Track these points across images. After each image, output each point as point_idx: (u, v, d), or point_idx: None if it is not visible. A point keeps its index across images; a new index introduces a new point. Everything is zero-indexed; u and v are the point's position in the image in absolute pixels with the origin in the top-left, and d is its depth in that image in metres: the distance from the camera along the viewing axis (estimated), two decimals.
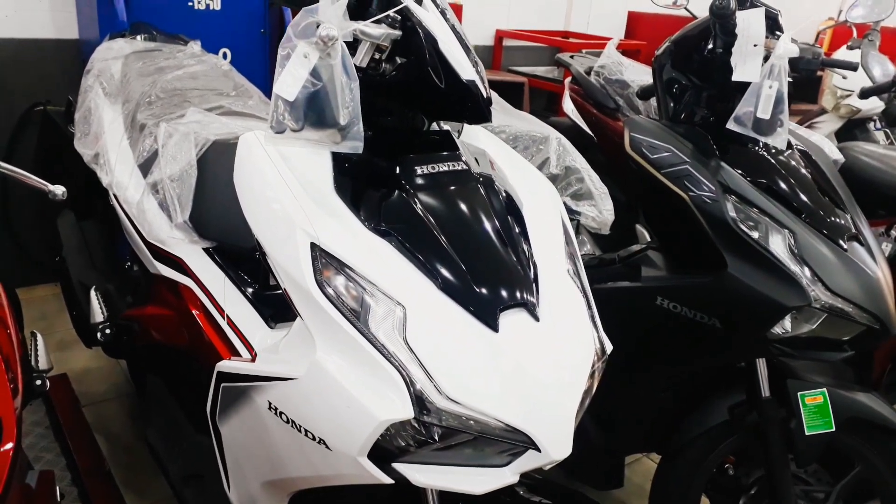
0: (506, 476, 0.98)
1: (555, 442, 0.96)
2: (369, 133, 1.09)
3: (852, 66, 3.06)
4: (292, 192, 0.98)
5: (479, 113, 1.12)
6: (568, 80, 3.03)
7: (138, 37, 2.24)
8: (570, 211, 1.94)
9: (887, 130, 3.68)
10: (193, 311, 1.47)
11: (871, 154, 2.75)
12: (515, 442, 0.95)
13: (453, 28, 1.08)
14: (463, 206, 1.06)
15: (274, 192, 0.99)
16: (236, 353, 1.26)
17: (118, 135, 1.82)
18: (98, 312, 1.82)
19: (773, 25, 1.41)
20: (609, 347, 1.13)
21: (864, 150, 2.83)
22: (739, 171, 1.46)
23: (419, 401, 0.91)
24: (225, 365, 1.18)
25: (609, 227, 1.86)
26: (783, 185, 1.45)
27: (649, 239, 1.75)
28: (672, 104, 1.62)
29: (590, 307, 1.13)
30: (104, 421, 2.30)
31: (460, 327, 0.95)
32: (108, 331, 1.82)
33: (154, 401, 1.72)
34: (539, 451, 0.95)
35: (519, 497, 1.22)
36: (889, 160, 2.62)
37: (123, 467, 2.10)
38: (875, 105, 3.53)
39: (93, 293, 1.85)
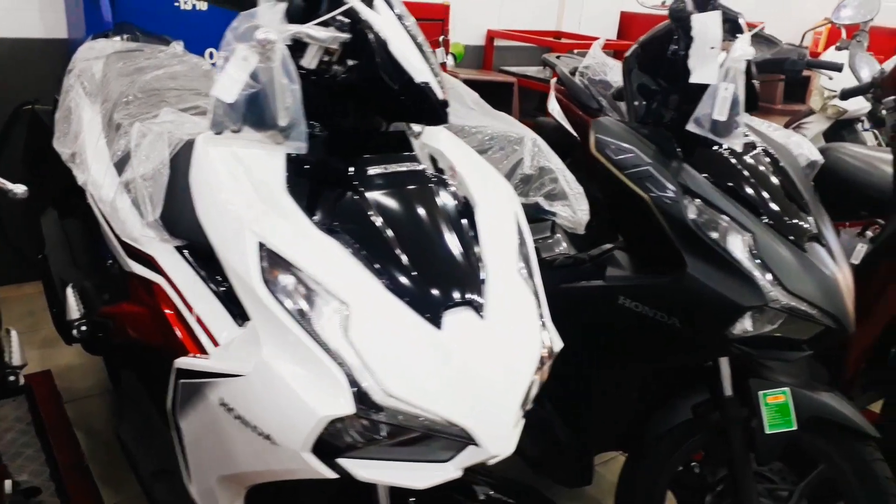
0: (448, 471, 1.00)
1: (495, 437, 0.98)
2: (326, 134, 1.12)
3: (837, 67, 3.08)
4: (242, 193, 1.01)
5: (434, 115, 1.14)
6: (554, 80, 3.05)
7: (121, 37, 2.27)
8: (543, 211, 1.96)
9: (875, 131, 3.69)
10: (164, 309, 1.49)
11: (853, 155, 2.76)
12: (456, 437, 0.97)
13: (408, 31, 1.10)
14: (414, 207, 1.08)
15: (224, 193, 1.02)
16: (204, 351, 1.28)
17: (95, 134, 1.85)
18: (74, 309, 1.85)
19: (732, 28, 1.43)
20: (558, 345, 1.15)
21: (846, 151, 2.84)
22: (702, 173, 1.48)
23: (360, 397, 0.93)
24: (182, 361, 1.20)
25: (584, 227, 1.88)
26: (745, 187, 1.47)
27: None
28: (640, 106, 1.63)
29: (540, 306, 1.15)
30: (85, 417, 2.33)
31: (404, 325, 0.97)
32: (83, 328, 1.84)
33: (127, 397, 1.74)
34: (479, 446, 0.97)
35: (472, 492, 1.24)
36: (871, 161, 2.63)
37: (102, 463, 2.12)
38: (862, 106, 3.54)
39: (69, 290, 1.88)
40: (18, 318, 2.81)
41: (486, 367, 0.99)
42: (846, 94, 2.54)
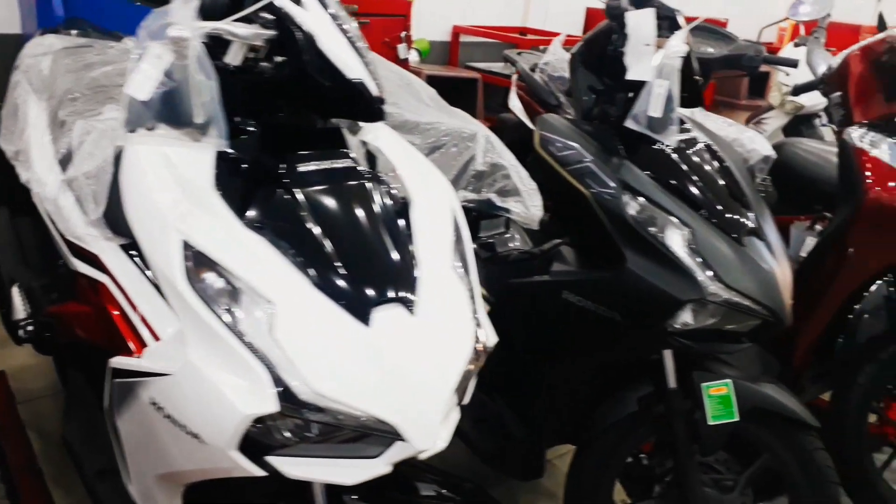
0: (378, 467, 1.01)
1: (422, 432, 0.99)
2: (259, 130, 1.12)
3: (793, 63, 3.12)
4: (168, 191, 1.00)
5: (369, 111, 1.14)
6: (515, 76, 3.06)
7: (71, 32, 2.23)
8: (496, 207, 1.97)
9: (832, 126, 3.75)
10: (109, 308, 1.48)
11: (807, 150, 2.80)
12: (383, 434, 0.98)
13: (341, 27, 1.10)
14: (345, 204, 1.08)
15: (150, 191, 1.01)
16: None
17: (41, 131, 1.82)
18: (20, 309, 1.82)
19: (671, 25, 1.44)
20: (493, 341, 1.16)
21: (801, 146, 2.89)
22: (644, 169, 1.50)
23: (285, 395, 0.93)
24: (116, 361, 1.19)
25: (538, 223, 1.89)
26: (685, 183, 1.49)
27: None
28: (586, 102, 1.65)
29: (474, 302, 1.16)
30: (38, 418, 2.30)
31: (331, 322, 0.98)
32: (30, 327, 1.82)
33: (74, 397, 1.72)
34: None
35: (414, 489, 1.25)
36: (824, 155, 2.68)
37: (55, 464, 2.10)
38: (819, 101, 3.57)
39: (14, 290, 1.85)
40: None
41: (414, 363, 1.00)
42: (798, 90, 2.59)
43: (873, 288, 2.13)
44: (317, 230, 1.02)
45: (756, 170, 2.60)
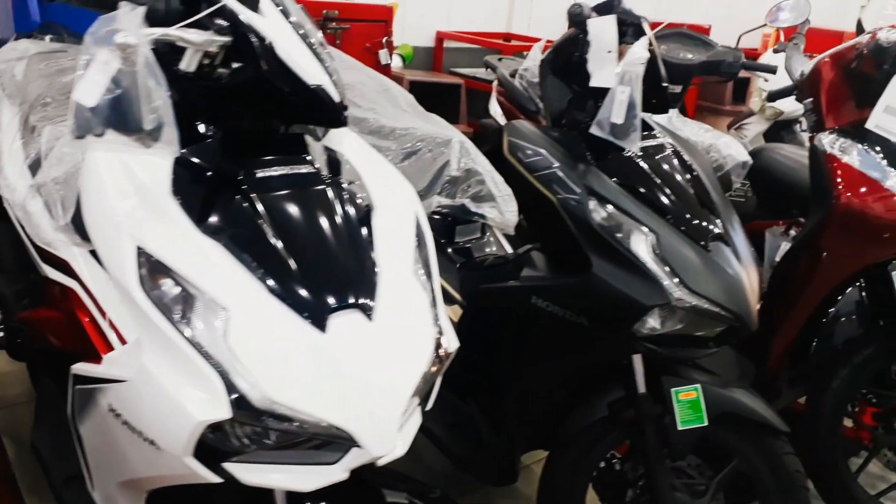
0: (335, 473, 1.00)
1: (377, 439, 0.99)
2: (219, 136, 1.12)
3: (771, 70, 3.15)
4: (124, 198, 1.00)
5: (331, 117, 1.15)
6: (496, 82, 3.07)
7: (46, 37, 2.23)
8: (470, 213, 1.98)
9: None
10: (79, 314, 1.48)
11: (785, 155, 2.82)
12: (339, 440, 0.98)
13: (300, 33, 1.10)
14: (304, 210, 1.08)
15: (105, 198, 1.01)
16: None
17: (11, 136, 1.82)
18: None
19: (636, 31, 1.45)
20: (454, 346, 1.16)
21: (779, 151, 2.91)
22: (611, 175, 1.51)
23: (239, 402, 0.93)
24: (77, 367, 1.19)
25: (513, 228, 1.90)
26: (651, 188, 1.50)
27: None
28: (555, 109, 1.66)
29: (436, 307, 1.16)
30: (13, 424, 2.29)
31: (286, 329, 0.98)
32: (0, 333, 1.81)
33: (44, 404, 1.72)
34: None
35: (376, 494, 1.25)
36: (802, 161, 2.69)
37: (28, 471, 2.09)
38: (798, 107, 3.60)
39: None
40: None
41: (370, 369, 1.00)
42: (773, 97, 2.61)
43: (847, 292, 2.14)
44: (274, 236, 1.02)
45: (733, 175, 2.62)
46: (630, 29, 1.45)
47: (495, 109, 3.01)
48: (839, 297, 2.19)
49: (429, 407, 1.19)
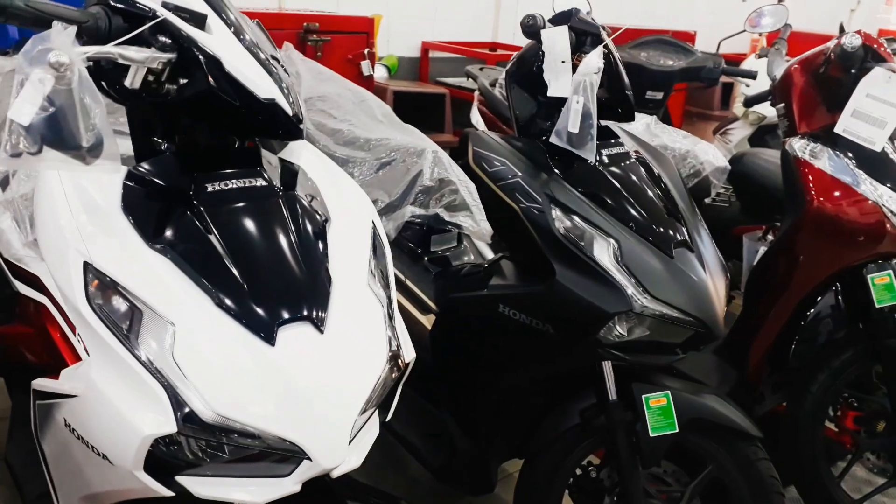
0: (287, 486, 1.01)
1: (327, 451, 0.99)
2: (172, 150, 1.13)
3: (751, 75, 3.16)
4: (71, 213, 1.01)
5: (286, 130, 1.15)
6: (477, 92, 3.09)
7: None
8: (443, 222, 1.98)
9: None
10: (50, 329, 1.48)
11: (766, 160, 2.83)
12: (290, 453, 0.98)
13: (249, 48, 1.11)
14: (255, 223, 1.09)
15: (54, 214, 1.02)
16: None
17: None
18: None
19: (594, 41, 1.46)
20: (410, 357, 1.16)
21: (760, 156, 2.92)
22: (574, 184, 1.52)
23: (185, 416, 0.94)
24: (36, 382, 1.20)
25: (489, 237, 1.90)
26: (614, 196, 1.51)
27: None
28: (520, 118, 1.67)
29: (392, 318, 1.16)
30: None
31: (233, 342, 0.98)
32: None
33: (18, 419, 1.72)
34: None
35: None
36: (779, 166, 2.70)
37: (9, 486, 2.08)
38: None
39: None
40: None
41: (319, 381, 1.00)
42: (749, 102, 2.62)
43: (824, 296, 2.14)
44: (223, 250, 1.03)
45: (713, 181, 2.63)
46: (589, 38, 1.46)
47: (476, 119, 3.02)
48: (818, 299, 2.19)
49: (388, 418, 1.20)
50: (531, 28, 1.41)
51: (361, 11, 3.71)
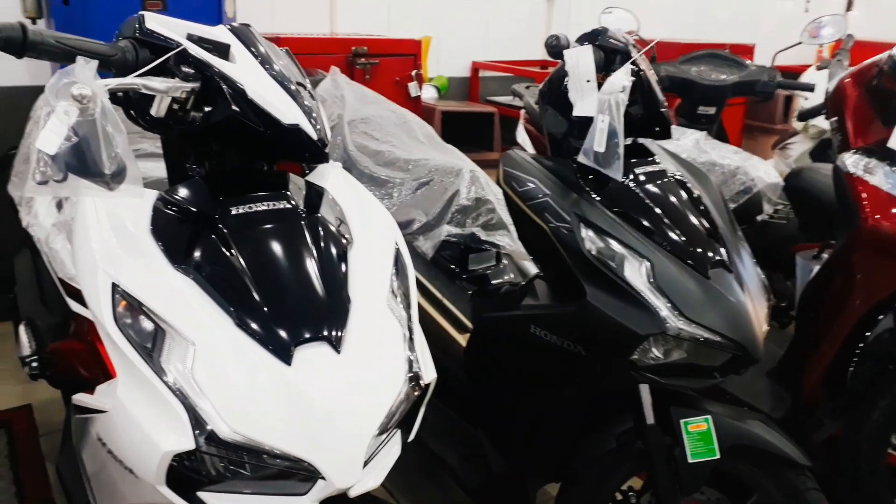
0: None
1: (341, 471, 1.00)
2: (203, 174, 1.17)
3: (809, 88, 3.06)
4: (101, 235, 1.06)
5: (311, 153, 1.18)
6: (523, 110, 3.08)
7: None
8: (481, 241, 1.99)
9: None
10: (98, 345, 1.55)
11: (826, 175, 2.72)
12: (304, 472, 1.00)
13: (273, 74, 1.15)
14: (277, 245, 1.11)
15: (86, 238, 1.07)
16: None
17: None
18: (25, 346, 1.92)
19: (623, 58, 1.44)
20: (429, 378, 1.16)
21: (820, 171, 2.81)
22: (607, 203, 1.49)
23: (203, 433, 0.96)
24: (76, 397, 1.25)
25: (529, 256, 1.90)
26: (648, 215, 1.47)
27: None
28: (553, 137, 1.66)
29: (412, 339, 1.17)
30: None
31: (251, 361, 1.00)
32: (34, 363, 1.91)
33: (68, 431, 1.79)
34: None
35: None
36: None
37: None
38: None
39: (21, 327, 1.95)
40: (6, 353, 2.90)
41: (335, 400, 1.01)
42: (803, 116, 2.53)
43: (882, 318, 2.04)
44: (245, 272, 1.06)
45: (766, 198, 2.55)
46: (618, 56, 1.44)
47: (522, 137, 3.02)
48: (879, 318, 2.08)
49: (410, 438, 1.20)
50: (555, 48, 1.41)
51: (412, 33, 3.77)
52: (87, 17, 2.63)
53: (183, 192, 1.13)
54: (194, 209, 1.11)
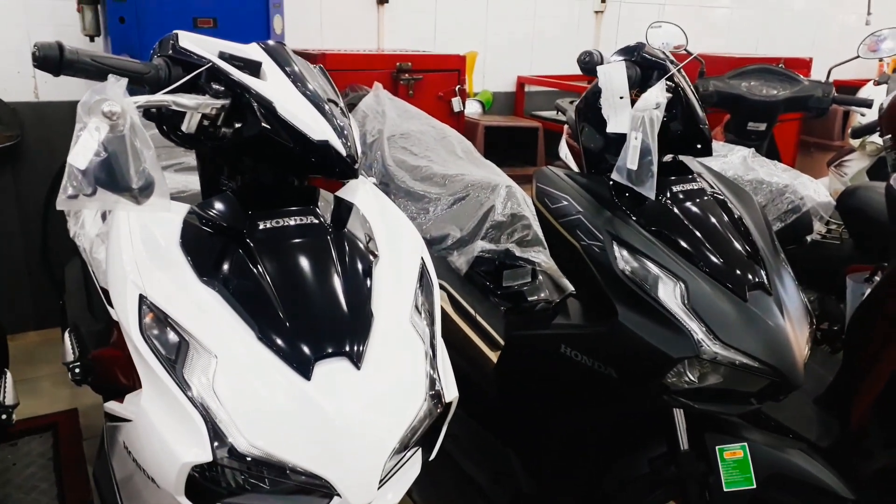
0: None
1: (356, 488, 0.99)
2: (234, 189, 1.19)
3: (866, 104, 2.95)
4: (132, 248, 1.08)
5: (340, 169, 1.19)
6: (566, 125, 3.06)
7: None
8: (515, 257, 1.97)
9: None
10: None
11: (881, 195, 2.61)
12: (320, 487, 0.99)
13: (303, 91, 1.16)
14: (303, 260, 1.12)
15: (118, 247, 1.10)
16: None
17: None
18: (69, 352, 1.97)
19: (660, 74, 1.41)
20: (450, 396, 1.15)
21: (874, 190, 2.70)
22: (642, 222, 1.46)
23: (221, 446, 0.97)
24: (107, 405, 1.28)
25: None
26: (684, 235, 1.44)
27: None
28: (589, 154, 1.63)
29: (435, 357, 1.16)
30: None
31: (271, 375, 1.01)
32: (76, 370, 1.96)
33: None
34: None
35: None
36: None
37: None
38: None
39: (66, 334, 2.01)
40: (57, 358, 3.00)
41: (353, 417, 1.01)
42: (857, 133, 2.44)
43: None
44: (270, 286, 1.07)
45: (815, 217, 2.46)
46: (655, 72, 1.41)
47: (565, 152, 2.99)
48: None
49: (431, 457, 1.18)
50: (587, 65, 1.39)
51: (458, 49, 3.79)
52: (142, 34, 2.72)
53: (213, 206, 1.15)
54: (224, 223, 1.13)
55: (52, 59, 0.97)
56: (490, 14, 4.07)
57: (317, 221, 1.17)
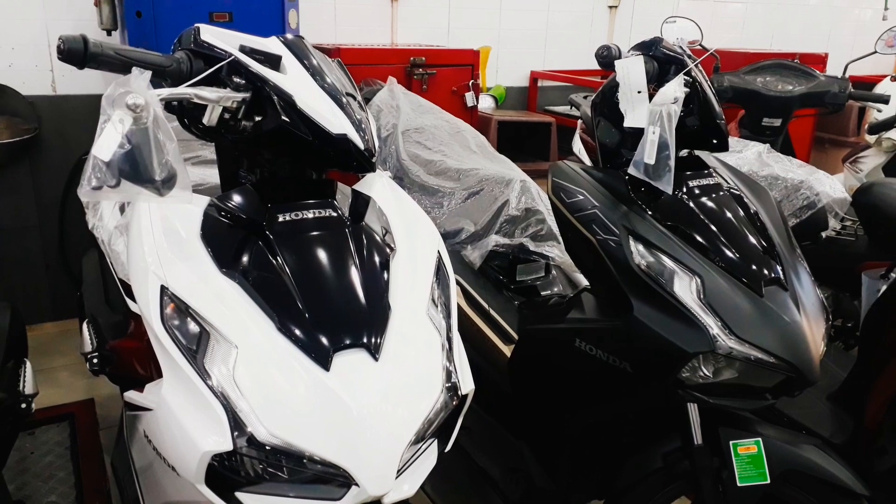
0: None
1: (374, 478, 1.00)
2: (254, 182, 1.20)
3: (883, 100, 2.93)
4: (154, 239, 1.09)
5: (358, 163, 1.20)
6: (579, 120, 3.05)
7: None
8: (529, 252, 1.97)
9: None
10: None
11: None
12: (338, 477, 1.00)
13: (322, 85, 1.17)
14: (321, 252, 1.13)
15: (139, 239, 1.11)
16: None
17: None
18: (87, 343, 2.00)
19: (678, 69, 1.41)
20: (466, 388, 1.16)
21: (890, 186, 2.68)
22: (657, 216, 1.46)
23: (241, 435, 0.98)
24: (127, 394, 1.30)
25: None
26: (700, 230, 1.43)
27: None
28: (605, 149, 1.63)
29: (451, 349, 1.17)
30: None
31: (291, 366, 1.02)
32: (94, 360, 1.99)
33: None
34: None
35: None
36: None
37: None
38: None
39: (84, 325, 2.04)
40: (75, 348, 3.04)
41: (370, 407, 1.02)
42: (873, 129, 2.43)
43: None
44: (289, 278, 1.08)
45: (832, 213, 2.45)
46: (672, 67, 1.41)
47: (578, 147, 2.98)
48: None
49: (447, 449, 1.19)
50: (605, 59, 1.39)
51: (472, 44, 3.78)
52: (158, 29, 2.74)
53: (233, 198, 1.16)
54: (243, 215, 1.14)
55: (76, 52, 0.98)
56: (503, 9, 4.07)
57: (335, 214, 1.18)
